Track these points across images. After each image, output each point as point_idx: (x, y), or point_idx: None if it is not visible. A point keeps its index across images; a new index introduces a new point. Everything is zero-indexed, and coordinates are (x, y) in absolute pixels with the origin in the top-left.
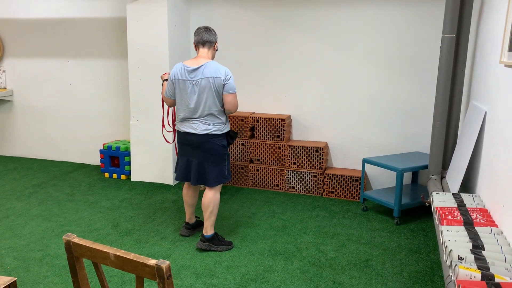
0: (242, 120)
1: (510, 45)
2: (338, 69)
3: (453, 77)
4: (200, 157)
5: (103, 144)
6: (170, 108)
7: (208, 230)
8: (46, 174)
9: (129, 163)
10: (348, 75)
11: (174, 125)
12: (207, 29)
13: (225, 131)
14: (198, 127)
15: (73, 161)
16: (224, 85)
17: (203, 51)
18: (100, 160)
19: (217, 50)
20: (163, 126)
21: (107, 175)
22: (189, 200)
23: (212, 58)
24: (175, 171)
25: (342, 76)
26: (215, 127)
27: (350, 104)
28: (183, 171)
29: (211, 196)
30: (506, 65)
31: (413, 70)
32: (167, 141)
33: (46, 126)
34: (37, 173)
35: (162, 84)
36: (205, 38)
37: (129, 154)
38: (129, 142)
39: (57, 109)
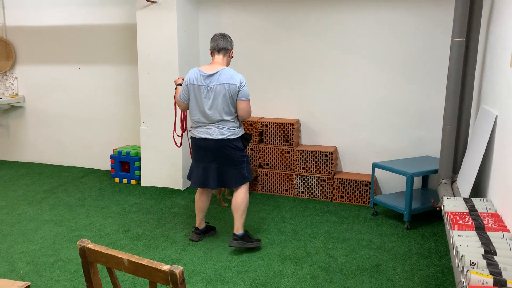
0: (251, 125)
1: None
2: (347, 73)
3: (463, 81)
4: (218, 162)
5: (114, 150)
6: (183, 113)
7: (240, 229)
8: (57, 180)
9: (139, 168)
10: (357, 79)
11: (184, 130)
12: (223, 36)
13: (240, 134)
14: (214, 132)
15: (84, 166)
16: (238, 91)
17: (219, 57)
18: (111, 165)
19: (232, 57)
20: (175, 129)
21: (117, 180)
22: (201, 206)
23: (227, 65)
24: (189, 178)
25: (351, 80)
26: (230, 131)
27: (359, 108)
28: (201, 178)
29: (242, 196)
30: None
31: (422, 74)
32: (176, 145)
33: (57, 131)
34: (48, 178)
35: (175, 88)
36: (221, 45)
37: (139, 159)
38: (139, 147)
39: (68, 115)
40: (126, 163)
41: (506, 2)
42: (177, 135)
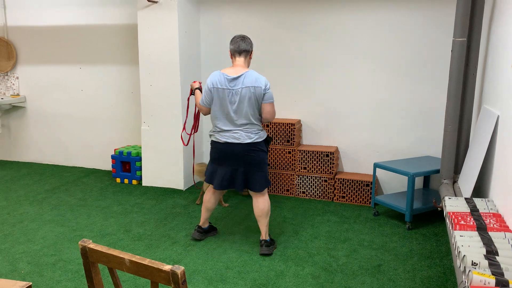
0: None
1: None
2: (348, 74)
3: (465, 81)
4: (245, 165)
5: (115, 150)
6: (196, 114)
7: (267, 234)
8: (58, 180)
9: (140, 168)
10: (358, 79)
11: (196, 131)
12: (243, 38)
13: (264, 137)
14: (241, 137)
15: (85, 167)
16: (264, 94)
17: (240, 60)
18: (112, 165)
19: (251, 58)
20: (184, 128)
21: (118, 180)
22: (210, 206)
23: (247, 67)
24: (210, 181)
25: (352, 80)
26: (257, 134)
27: (360, 108)
28: (225, 182)
29: (265, 202)
30: None
31: (424, 74)
32: (184, 143)
33: (58, 132)
34: (50, 178)
35: (193, 93)
36: (242, 47)
37: (140, 159)
38: (140, 148)
39: (69, 115)
40: (127, 163)
41: (508, 2)
42: (186, 133)
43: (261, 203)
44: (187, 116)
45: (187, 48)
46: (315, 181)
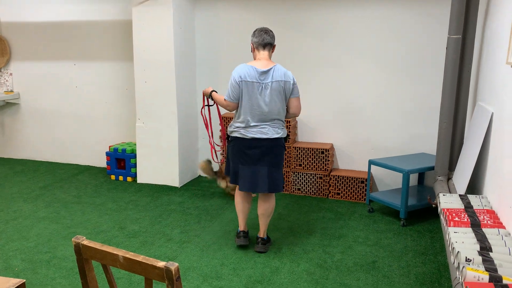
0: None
1: None
2: (343, 70)
3: (459, 78)
4: (268, 163)
5: (109, 147)
6: (213, 126)
7: (265, 233)
8: (52, 177)
9: (135, 165)
10: (354, 76)
11: (225, 141)
12: (267, 31)
13: (286, 133)
14: (269, 132)
15: (80, 164)
16: (292, 89)
17: (264, 53)
18: (106, 162)
19: (273, 52)
20: (212, 147)
21: (113, 177)
22: (245, 209)
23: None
24: (234, 182)
25: (348, 77)
26: (282, 130)
27: (355, 105)
28: (249, 182)
29: (273, 201)
30: None
31: (419, 71)
32: (216, 162)
33: (52, 128)
34: (44, 175)
35: (209, 98)
36: (266, 40)
37: (135, 156)
38: (135, 145)
39: (63, 111)
40: (122, 160)
41: None
42: (217, 151)
43: (268, 202)
44: (208, 132)
45: (182, 45)
46: (311, 178)
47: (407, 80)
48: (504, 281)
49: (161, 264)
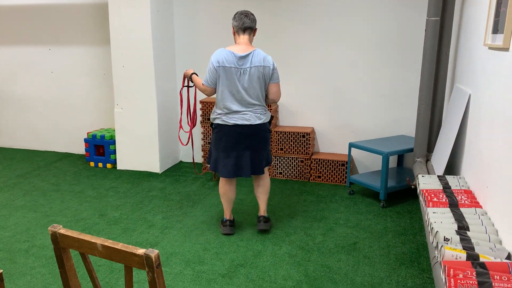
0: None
1: (494, 27)
2: (323, 54)
3: (438, 60)
4: (253, 147)
5: (88, 133)
6: (190, 107)
7: (266, 211)
8: (29, 164)
9: (114, 152)
10: (334, 59)
11: (194, 125)
12: (247, 14)
13: (269, 118)
14: (252, 118)
15: (57, 151)
16: (272, 74)
17: (244, 37)
18: (85, 149)
19: (254, 36)
20: (181, 127)
21: (92, 164)
22: (232, 196)
23: (251, 44)
24: (214, 169)
25: (328, 61)
26: (264, 115)
27: (335, 89)
28: (234, 168)
29: (268, 179)
30: (490, 48)
31: (398, 53)
32: (182, 143)
33: (28, 115)
34: (21, 163)
35: (189, 80)
36: (246, 24)
37: (114, 143)
38: (114, 131)
39: (39, 98)
40: (101, 147)
41: None
42: (184, 131)
43: (266, 180)
44: (181, 112)
45: (160, 28)
46: (292, 162)
47: (386, 63)
48: (481, 259)
49: (140, 251)
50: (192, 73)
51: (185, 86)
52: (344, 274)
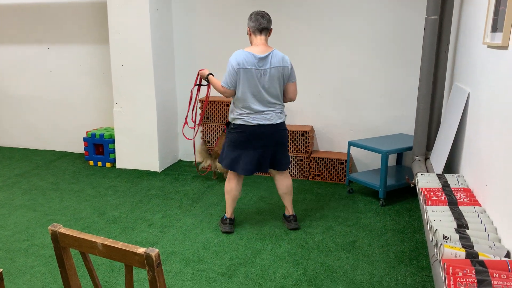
0: (227, 105)
1: (492, 25)
2: (322, 53)
3: (437, 58)
4: (273, 146)
5: (87, 132)
6: (196, 105)
7: (293, 210)
8: (28, 164)
9: (113, 151)
10: (333, 58)
11: (199, 124)
12: (263, 15)
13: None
14: (273, 118)
15: (56, 150)
16: (290, 74)
17: (261, 38)
18: (84, 148)
19: (269, 36)
20: (186, 122)
21: (91, 163)
22: (238, 194)
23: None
24: (232, 168)
25: (327, 60)
26: (283, 114)
27: (334, 88)
28: (253, 166)
29: (290, 178)
30: (489, 46)
31: (397, 52)
32: (187, 138)
33: (27, 114)
34: (20, 162)
35: (205, 80)
36: (263, 25)
37: (113, 142)
38: (113, 129)
39: (38, 97)
40: (100, 146)
41: None
42: (190, 127)
43: (286, 180)
44: (189, 109)
45: (159, 27)
46: (291, 160)
47: (385, 62)
48: (480, 257)
49: (141, 250)
50: (209, 74)
51: (197, 84)
52: (343, 272)
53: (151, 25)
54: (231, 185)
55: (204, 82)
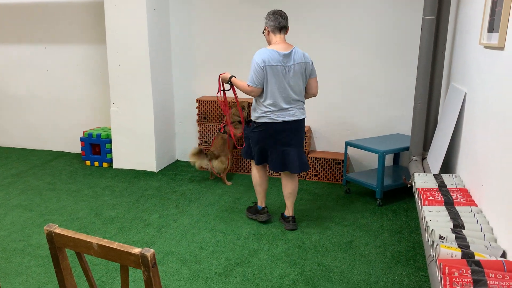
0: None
1: (489, 26)
2: (319, 52)
3: (434, 59)
4: (297, 144)
5: (84, 132)
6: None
7: (293, 211)
8: (25, 163)
9: (110, 151)
10: (330, 58)
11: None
12: (281, 14)
13: None
14: (297, 114)
15: (53, 150)
16: (311, 69)
17: (281, 36)
18: (81, 148)
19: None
20: (232, 128)
21: (88, 163)
22: (266, 187)
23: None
24: (260, 162)
25: (324, 59)
26: (304, 110)
27: (331, 87)
28: (280, 163)
29: (297, 181)
30: (485, 46)
31: (394, 52)
32: (239, 147)
33: (24, 114)
34: (16, 162)
35: (228, 83)
36: (282, 24)
37: (110, 142)
38: (110, 129)
39: (35, 96)
40: (97, 146)
41: None
42: (238, 135)
43: (294, 182)
44: (226, 115)
45: (156, 26)
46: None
47: (382, 62)
48: (476, 257)
49: (136, 250)
50: (231, 76)
51: (222, 90)
52: (340, 272)
53: (148, 24)
54: (261, 178)
55: (227, 86)
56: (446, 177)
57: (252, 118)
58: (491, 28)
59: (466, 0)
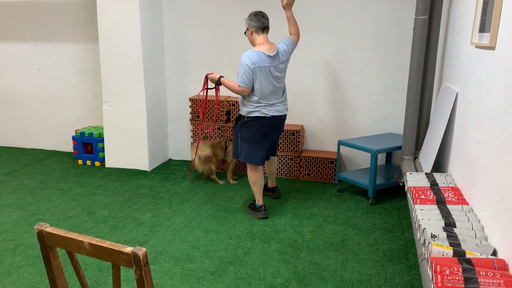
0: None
1: (480, 26)
2: (312, 52)
3: (426, 58)
4: (277, 134)
5: (76, 131)
6: (204, 112)
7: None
8: (16, 162)
9: (103, 150)
10: (322, 57)
11: (213, 125)
12: (263, 15)
13: None
14: (283, 109)
15: (45, 148)
16: (291, 49)
17: (264, 36)
18: (73, 146)
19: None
20: (201, 127)
21: (80, 162)
22: (263, 181)
23: None
24: (250, 160)
25: (316, 59)
26: (287, 106)
27: (324, 87)
28: (266, 155)
29: (276, 160)
30: (477, 46)
31: (386, 51)
32: (204, 141)
33: (15, 112)
34: (7, 161)
35: (217, 83)
36: (264, 24)
37: (102, 140)
38: (102, 128)
39: (26, 95)
40: (89, 145)
41: None
42: (206, 131)
43: (274, 160)
44: (201, 115)
45: (149, 25)
46: (281, 160)
47: (375, 61)
48: (467, 255)
49: (128, 249)
50: (220, 77)
51: (206, 88)
52: (333, 271)
53: (141, 23)
54: (256, 176)
55: (211, 85)
56: (438, 176)
57: (242, 113)
58: (483, 28)
59: (458, 0)
